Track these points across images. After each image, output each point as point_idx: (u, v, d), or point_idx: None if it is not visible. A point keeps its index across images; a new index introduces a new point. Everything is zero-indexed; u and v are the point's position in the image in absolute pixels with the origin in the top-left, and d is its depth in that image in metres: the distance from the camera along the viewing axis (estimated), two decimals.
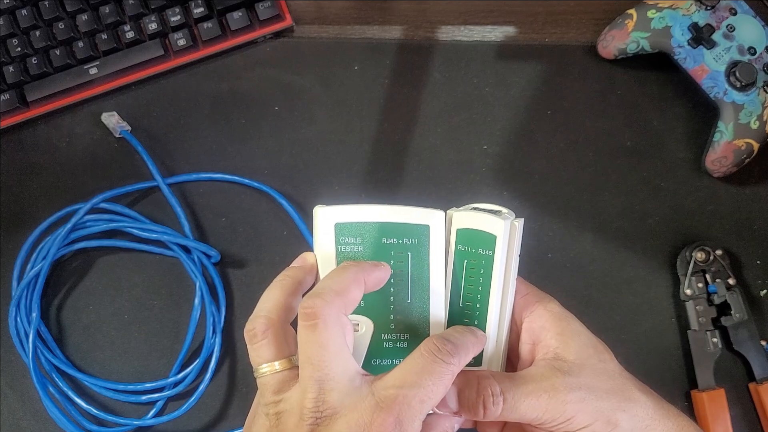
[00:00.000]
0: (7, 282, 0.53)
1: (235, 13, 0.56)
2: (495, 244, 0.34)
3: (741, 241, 0.53)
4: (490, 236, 0.34)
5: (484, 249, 0.34)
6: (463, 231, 0.34)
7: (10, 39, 0.56)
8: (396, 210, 0.34)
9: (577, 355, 0.34)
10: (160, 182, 0.53)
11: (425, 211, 0.34)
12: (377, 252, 0.33)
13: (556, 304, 0.36)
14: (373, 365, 0.34)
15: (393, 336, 0.34)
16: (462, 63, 0.56)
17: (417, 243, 0.34)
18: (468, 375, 0.34)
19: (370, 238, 0.33)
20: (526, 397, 0.32)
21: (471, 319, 0.35)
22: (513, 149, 0.55)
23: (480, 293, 0.34)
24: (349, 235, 0.33)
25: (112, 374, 0.52)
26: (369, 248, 0.33)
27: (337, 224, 0.33)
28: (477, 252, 0.34)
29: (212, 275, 0.53)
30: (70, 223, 0.52)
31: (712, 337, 0.50)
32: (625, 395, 0.33)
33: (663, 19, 0.52)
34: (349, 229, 0.33)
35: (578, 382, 0.32)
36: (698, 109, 0.55)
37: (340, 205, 0.33)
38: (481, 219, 0.34)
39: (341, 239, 0.33)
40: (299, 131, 0.56)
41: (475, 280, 0.34)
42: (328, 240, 0.33)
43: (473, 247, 0.34)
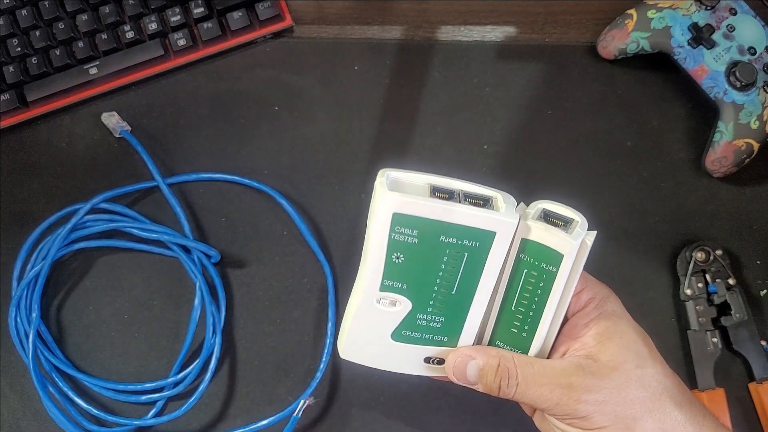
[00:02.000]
0: (7, 282, 0.53)
1: (235, 13, 0.56)
2: (561, 263, 0.32)
3: (741, 241, 0.53)
4: (557, 254, 0.32)
5: (548, 264, 0.32)
6: (530, 243, 0.32)
7: (10, 39, 0.56)
8: (466, 211, 0.31)
9: (611, 357, 0.33)
10: (160, 182, 0.53)
11: (497, 218, 0.31)
12: (432, 248, 0.31)
13: (611, 302, 0.36)
14: (403, 335, 0.35)
15: (428, 317, 0.34)
16: (462, 63, 0.56)
17: (477, 246, 0.32)
18: (491, 353, 0.34)
19: (428, 233, 0.31)
20: (539, 387, 0.33)
21: (522, 323, 0.34)
22: (513, 149, 0.55)
23: (535, 303, 0.34)
24: (406, 226, 0.31)
25: (112, 374, 0.52)
26: (424, 243, 0.31)
27: (396, 214, 0.30)
28: (540, 266, 0.32)
29: (212, 275, 0.53)
30: (70, 223, 0.52)
31: (712, 337, 0.50)
32: (653, 406, 0.32)
33: (663, 19, 0.52)
34: (407, 220, 0.31)
35: (601, 384, 0.32)
36: (698, 109, 0.55)
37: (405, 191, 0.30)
38: (550, 235, 0.32)
39: (396, 228, 0.31)
40: (299, 131, 0.56)
41: (533, 291, 0.33)
42: (383, 225, 0.31)
43: (537, 260, 0.32)
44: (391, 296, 0.33)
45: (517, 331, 0.35)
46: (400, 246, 0.31)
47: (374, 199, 0.31)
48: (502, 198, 0.33)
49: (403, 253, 0.32)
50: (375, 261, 0.32)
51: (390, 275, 0.33)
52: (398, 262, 0.32)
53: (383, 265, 0.32)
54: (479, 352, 0.35)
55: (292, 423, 0.47)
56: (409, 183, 0.31)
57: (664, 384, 0.33)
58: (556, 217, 0.33)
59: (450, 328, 0.35)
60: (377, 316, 0.34)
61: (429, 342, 0.35)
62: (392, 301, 0.33)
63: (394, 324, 0.34)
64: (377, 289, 0.33)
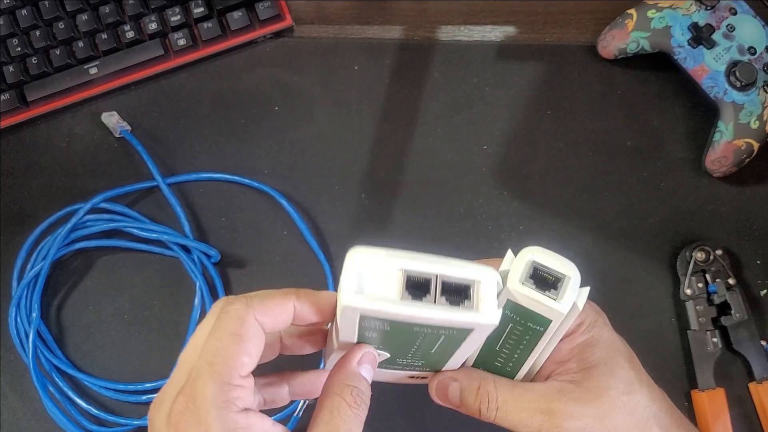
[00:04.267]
0: (7, 282, 0.53)
1: (235, 13, 0.56)
2: (548, 325, 0.31)
3: (741, 241, 0.53)
4: (544, 319, 0.31)
5: (535, 324, 0.31)
6: (515, 305, 0.31)
7: (10, 39, 0.56)
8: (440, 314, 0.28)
9: (596, 384, 0.32)
10: (160, 182, 0.53)
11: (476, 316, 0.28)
12: (406, 334, 0.30)
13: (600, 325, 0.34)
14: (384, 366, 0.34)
15: (408, 362, 0.33)
16: (462, 63, 0.56)
17: (453, 333, 0.30)
18: (472, 375, 0.34)
19: (401, 327, 0.29)
20: (519, 413, 0.32)
21: (505, 361, 0.34)
22: (513, 149, 0.55)
23: (518, 352, 0.33)
24: (377, 319, 0.29)
25: (112, 374, 0.52)
26: (397, 331, 0.29)
27: (363, 317, 0.28)
28: (526, 324, 0.31)
29: (212, 275, 0.53)
30: (70, 223, 0.52)
31: (712, 337, 0.50)
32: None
33: (663, 19, 0.52)
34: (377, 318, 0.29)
35: (583, 411, 0.32)
36: (698, 109, 0.55)
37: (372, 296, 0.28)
38: (537, 303, 0.30)
39: (366, 322, 0.29)
40: (299, 131, 0.56)
41: (516, 343, 0.32)
42: (350, 321, 0.29)
43: (523, 319, 0.31)
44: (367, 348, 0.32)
45: (501, 365, 0.34)
46: (372, 328, 0.30)
47: (340, 293, 0.28)
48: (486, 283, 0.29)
49: (376, 333, 0.30)
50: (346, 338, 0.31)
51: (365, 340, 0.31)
52: (372, 336, 0.31)
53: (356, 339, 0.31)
54: (461, 374, 0.34)
55: (292, 423, 0.47)
56: (381, 271, 0.28)
57: (650, 410, 0.33)
58: (546, 272, 0.30)
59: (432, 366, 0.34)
60: None
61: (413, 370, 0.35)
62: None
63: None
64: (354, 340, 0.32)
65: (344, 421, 0.29)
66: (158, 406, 0.29)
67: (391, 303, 0.28)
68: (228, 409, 0.27)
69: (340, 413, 0.29)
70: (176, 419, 0.27)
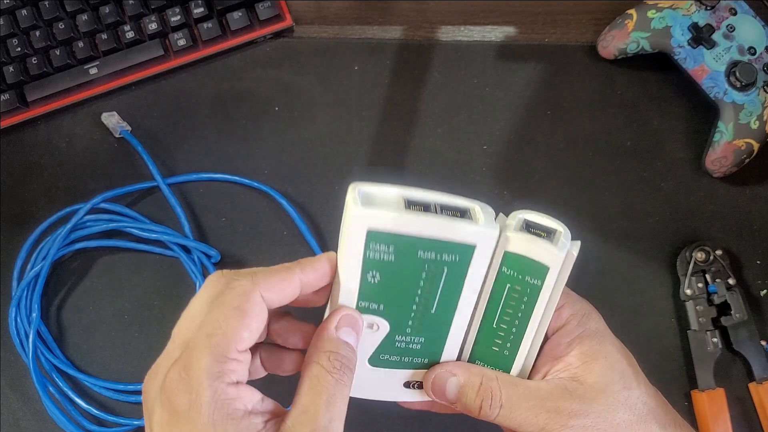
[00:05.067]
0: (7, 282, 0.53)
1: (235, 13, 0.56)
2: (546, 275, 0.31)
3: (741, 241, 0.53)
4: (542, 266, 0.30)
5: (533, 278, 0.31)
6: (512, 255, 0.31)
7: (10, 39, 0.56)
8: (444, 223, 0.29)
9: (597, 379, 0.32)
10: (160, 182, 0.53)
11: (476, 231, 0.29)
12: (409, 265, 0.30)
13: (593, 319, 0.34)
14: (381, 359, 0.33)
15: (407, 338, 0.32)
16: (462, 63, 0.56)
17: (457, 260, 0.30)
18: (473, 371, 0.33)
19: (405, 249, 0.29)
20: (524, 411, 0.31)
21: (504, 341, 0.33)
22: (513, 149, 0.55)
23: (518, 319, 0.32)
24: (382, 242, 0.29)
25: (112, 374, 0.52)
26: (401, 259, 0.29)
27: (370, 231, 0.29)
28: (524, 279, 0.31)
29: None
30: (70, 223, 0.52)
31: (712, 337, 0.50)
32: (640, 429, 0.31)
33: (663, 19, 0.52)
34: (382, 237, 0.29)
35: (588, 408, 0.31)
36: (698, 109, 0.55)
37: (378, 205, 0.29)
38: (534, 246, 0.30)
39: (371, 245, 0.29)
40: (299, 131, 0.56)
41: (516, 306, 0.32)
42: (357, 243, 0.29)
43: (520, 273, 0.31)
44: (368, 318, 0.31)
45: (498, 350, 0.33)
46: (376, 264, 0.30)
47: (346, 216, 0.29)
48: (480, 209, 0.31)
49: (379, 272, 0.30)
50: (349, 282, 0.30)
51: (365, 296, 0.31)
52: (374, 281, 0.30)
53: (359, 286, 0.30)
54: (460, 369, 0.33)
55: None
56: (382, 197, 0.29)
57: (649, 406, 0.32)
58: (539, 228, 0.31)
59: (430, 349, 0.33)
60: None
61: (408, 365, 0.34)
62: (369, 323, 0.32)
63: (372, 348, 0.33)
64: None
65: (325, 388, 0.28)
66: (152, 378, 0.29)
67: (398, 212, 0.28)
68: (220, 379, 0.27)
69: (320, 381, 0.29)
70: (169, 387, 0.27)
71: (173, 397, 0.27)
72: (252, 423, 0.27)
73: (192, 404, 0.26)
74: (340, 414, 0.28)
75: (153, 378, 0.29)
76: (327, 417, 0.28)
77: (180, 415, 0.26)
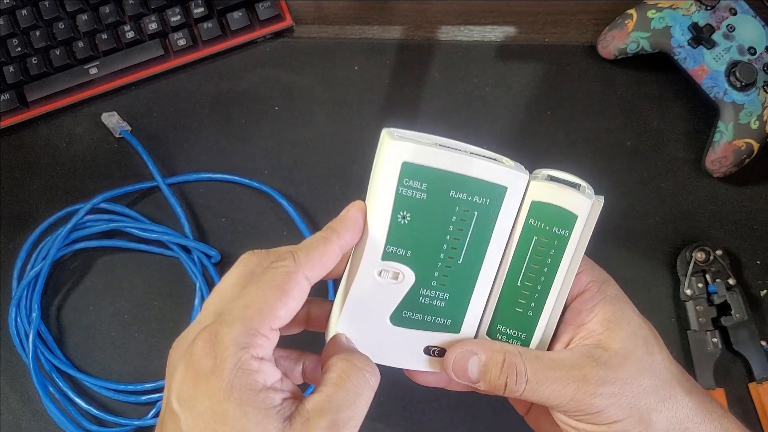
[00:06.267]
0: (7, 282, 0.53)
1: (235, 13, 0.56)
2: (574, 225, 0.30)
3: (741, 241, 0.53)
4: (570, 215, 0.30)
5: (560, 228, 0.31)
6: (538, 204, 0.31)
7: (10, 39, 0.56)
8: (477, 162, 0.29)
9: (622, 345, 0.31)
10: (160, 182, 0.53)
11: (508, 171, 0.30)
12: (441, 205, 0.30)
13: (612, 286, 0.34)
14: (403, 317, 0.32)
15: (431, 293, 0.32)
16: (462, 63, 0.56)
17: (488, 203, 0.30)
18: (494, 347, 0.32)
19: (438, 187, 0.29)
20: (551, 383, 0.30)
21: (528, 301, 0.32)
22: (513, 149, 0.55)
23: (545, 275, 0.31)
24: (415, 178, 0.29)
25: (112, 374, 0.52)
26: (433, 199, 0.30)
27: (405, 163, 0.29)
28: (551, 230, 0.31)
29: (212, 275, 0.53)
30: (70, 223, 0.52)
31: (712, 337, 0.50)
32: (666, 394, 0.31)
33: (663, 19, 0.52)
34: (416, 171, 0.29)
35: (615, 375, 0.31)
36: (698, 109, 0.55)
37: (413, 140, 0.29)
38: (562, 194, 0.30)
39: (405, 181, 0.29)
40: (299, 131, 0.56)
41: (542, 260, 0.31)
42: (390, 178, 0.29)
43: (548, 224, 0.31)
44: (394, 266, 0.31)
45: (522, 310, 0.33)
46: (408, 203, 0.30)
47: (380, 152, 0.30)
48: (511, 162, 0.32)
49: (409, 212, 0.30)
50: (379, 222, 0.30)
51: (394, 240, 0.30)
52: (404, 222, 0.30)
53: (388, 227, 0.30)
54: (481, 346, 0.32)
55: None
56: (417, 137, 0.30)
57: (671, 371, 0.32)
58: (563, 181, 0.31)
59: (454, 307, 0.33)
60: (376, 293, 0.32)
61: (431, 326, 0.33)
62: (394, 273, 0.31)
63: (395, 302, 0.32)
64: (379, 257, 0.31)
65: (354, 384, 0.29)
66: (179, 343, 0.30)
67: (434, 146, 0.29)
68: (245, 351, 0.27)
69: (350, 377, 0.29)
70: (196, 349, 0.27)
71: (199, 358, 0.27)
72: (269, 397, 0.27)
73: (214, 368, 0.27)
74: (360, 414, 0.28)
75: (180, 343, 0.30)
76: (348, 414, 0.28)
77: (201, 376, 0.27)
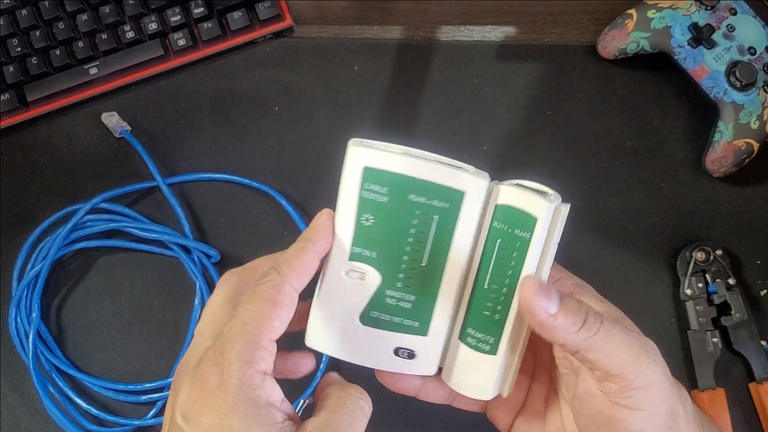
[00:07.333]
0: (7, 282, 0.53)
1: (235, 13, 0.56)
2: (534, 227, 0.31)
3: (741, 241, 0.53)
4: (530, 218, 0.31)
5: (522, 230, 0.31)
6: (502, 207, 0.31)
7: (10, 39, 0.56)
8: (434, 167, 0.31)
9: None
10: (160, 182, 0.53)
11: (465, 176, 0.31)
12: (401, 208, 0.31)
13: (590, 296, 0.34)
14: (372, 317, 0.33)
15: (398, 294, 0.33)
16: (462, 63, 0.56)
17: (447, 208, 0.31)
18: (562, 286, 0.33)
19: (398, 190, 0.31)
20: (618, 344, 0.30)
21: (494, 304, 0.32)
22: (513, 149, 0.55)
23: (509, 278, 0.32)
24: (376, 182, 0.31)
25: (112, 374, 0.52)
26: (394, 202, 0.31)
27: (367, 168, 0.31)
28: (513, 233, 0.31)
29: (212, 275, 0.53)
30: (70, 223, 0.52)
31: (712, 337, 0.50)
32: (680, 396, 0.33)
33: (663, 19, 0.52)
34: (377, 175, 0.31)
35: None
36: (698, 109, 0.55)
37: (374, 147, 0.31)
38: (523, 197, 0.31)
39: (366, 185, 0.31)
40: (299, 131, 0.56)
41: (506, 263, 0.32)
42: (353, 182, 0.31)
43: (510, 226, 0.31)
44: (360, 267, 0.32)
45: (489, 314, 0.33)
46: (370, 206, 0.31)
47: (345, 159, 0.31)
48: (474, 171, 0.32)
49: (373, 215, 0.31)
50: (346, 224, 0.32)
51: (359, 241, 0.32)
52: (368, 224, 0.31)
53: (353, 229, 0.32)
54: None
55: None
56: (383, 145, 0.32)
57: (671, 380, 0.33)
58: (530, 187, 0.32)
59: (421, 309, 0.33)
60: (345, 292, 0.33)
61: (399, 328, 0.33)
62: (361, 273, 0.32)
63: (363, 302, 0.33)
64: (347, 258, 0.32)
65: (350, 411, 0.29)
66: (183, 365, 0.31)
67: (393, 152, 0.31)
68: (249, 365, 0.28)
69: (347, 403, 0.30)
70: (202, 368, 0.28)
71: (205, 375, 0.28)
72: (271, 414, 0.28)
73: (221, 384, 0.28)
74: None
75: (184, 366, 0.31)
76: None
77: (208, 392, 0.28)
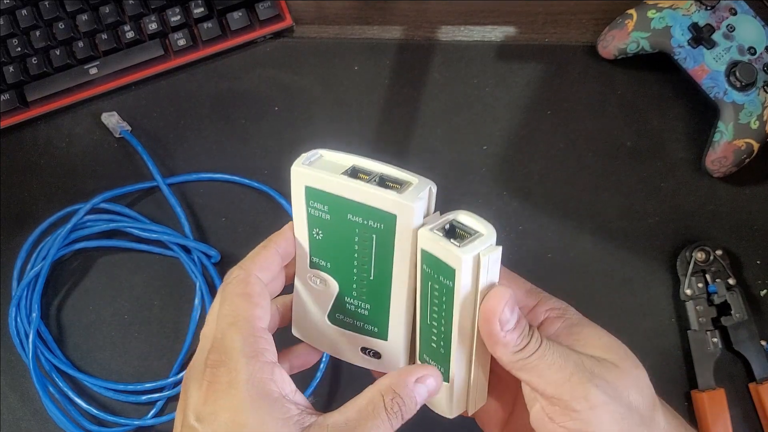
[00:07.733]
0: (7, 282, 0.53)
1: (235, 13, 0.56)
2: (454, 278, 0.29)
3: (741, 241, 0.53)
4: (448, 268, 0.29)
5: (445, 278, 0.30)
6: (426, 253, 0.31)
7: (10, 39, 0.56)
8: (366, 190, 0.31)
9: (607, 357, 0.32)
10: (160, 182, 0.53)
11: (394, 200, 0.30)
12: (343, 226, 0.32)
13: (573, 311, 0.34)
14: (337, 318, 0.35)
15: (355, 302, 0.34)
16: (462, 63, 0.56)
17: (382, 228, 0.31)
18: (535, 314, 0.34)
19: (337, 210, 0.32)
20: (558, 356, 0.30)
21: (437, 338, 0.32)
22: (513, 149, 0.55)
23: (444, 318, 0.31)
24: (318, 201, 0.32)
25: (112, 374, 0.52)
26: (335, 220, 0.32)
27: (307, 188, 0.32)
28: (438, 279, 0.30)
29: (212, 275, 0.53)
30: (70, 223, 0.52)
31: (712, 337, 0.50)
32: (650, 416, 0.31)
33: (663, 19, 0.52)
34: (318, 195, 0.32)
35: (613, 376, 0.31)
36: (698, 109, 0.55)
37: (314, 167, 0.32)
38: (440, 246, 0.29)
39: (311, 203, 0.32)
40: (299, 131, 0.56)
41: (439, 306, 0.31)
42: (301, 199, 0.33)
43: (435, 272, 0.30)
44: (320, 274, 0.34)
45: (435, 346, 0.33)
46: (317, 222, 0.33)
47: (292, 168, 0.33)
48: (417, 185, 0.31)
49: (320, 230, 0.33)
50: (301, 236, 0.34)
51: (315, 251, 0.34)
52: (318, 238, 0.33)
53: (308, 240, 0.34)
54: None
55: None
56: (332, 162, 0.32)
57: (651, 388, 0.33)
58: (462, 228, 0.30)
59: (377, 316, 0.34)
60: (312, 295, 0.35)
61: (362, 331, 0.35)
62: (322, 280, 0.34)
63: (328, 305, 0.35)
64: (307, 265, 0.34)
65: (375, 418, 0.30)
66: (191, 373, 0.31)
67: (330, 174, 0.31)
68: (255, 358, 0.29)
69: (374, 410, 0.30)
70: (210, 372, 0.29)
71: (214, 377, 0.29)
72: (286, 407, 0.28)
73: (231, 382, 0.28)
74: None
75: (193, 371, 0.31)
76: None
77: (219, 392, 0.28)
